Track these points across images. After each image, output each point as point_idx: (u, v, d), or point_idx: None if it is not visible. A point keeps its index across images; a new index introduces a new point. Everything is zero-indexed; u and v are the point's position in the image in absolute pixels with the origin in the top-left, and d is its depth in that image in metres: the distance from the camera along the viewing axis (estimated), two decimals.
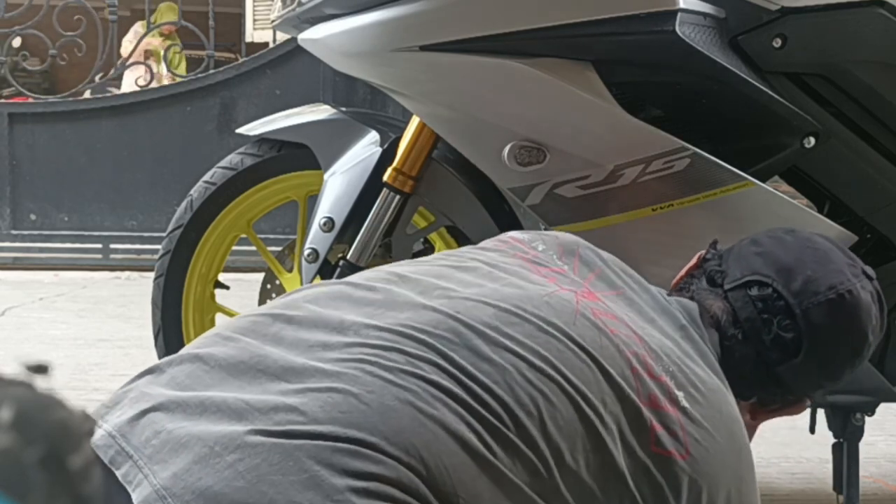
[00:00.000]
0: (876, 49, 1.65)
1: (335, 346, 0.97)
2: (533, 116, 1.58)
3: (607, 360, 1.02)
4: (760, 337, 1.19)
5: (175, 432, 0.90)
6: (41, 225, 5.28)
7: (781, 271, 1.20)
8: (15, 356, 3.15)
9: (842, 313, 1.19)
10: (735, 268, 1.23)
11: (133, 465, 0.89)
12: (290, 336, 0.99)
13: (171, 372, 0.99)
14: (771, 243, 1.25)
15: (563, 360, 1.00)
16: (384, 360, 0.95)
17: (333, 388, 0.92)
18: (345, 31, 1.63)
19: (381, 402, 0.91)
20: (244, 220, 1.97)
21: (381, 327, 0.99)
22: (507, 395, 0.95)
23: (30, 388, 0.43)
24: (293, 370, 0.94)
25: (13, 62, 6.03)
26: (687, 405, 1.05)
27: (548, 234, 1.26)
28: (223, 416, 0.90)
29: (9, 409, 0.41)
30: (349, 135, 1.84)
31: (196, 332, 1.99)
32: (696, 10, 1.58)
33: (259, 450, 0.87)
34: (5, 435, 0.40)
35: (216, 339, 1.02)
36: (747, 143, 1.65)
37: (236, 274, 2.41)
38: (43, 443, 0.41)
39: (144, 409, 0.93)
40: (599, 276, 1.16)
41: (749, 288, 1.20)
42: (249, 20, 6.94)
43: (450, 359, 0.96)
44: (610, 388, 1.01)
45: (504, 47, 1.55)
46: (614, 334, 1.05)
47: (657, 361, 1.06)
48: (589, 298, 1.10)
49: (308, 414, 0.89)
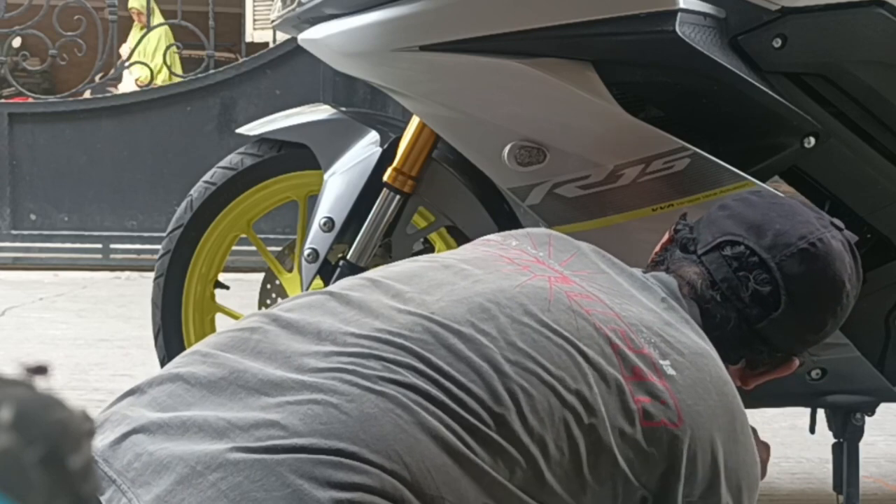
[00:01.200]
0: (876, 49, 1.65)
1: (313, 356, 0.97)
2: (533, 116, 1.58)
3: (584, 342, 1.03)
4: (739, 295, 1.20)
5: (157, 454, 0.90)
6: (41, 225, 5.28)
7: (751, 228, 1.22)
8: (15, 356, 3.15)
9: (816, 261, 1.21)
10: (706, 233, 1.25)
11: (117, 489, 0.89)
12: (268, 349, 0.99)
13: (151, 393, 0.99)
14: (738, 205, 1.27)
15: (538, 349, 1.01)
16: (362, 368, 0.95)
17: (313, 400, 0.92)
18: (345, 31, 1.63)
19: (360, 411, 0.91)
20: (244, 220, 1.97)
21: (357, 334, 0.99)
22: (484, 392, 0.96)
23: (30, 388, 0.43)
24: (272, 383, 0.94)
25: (13, 62, 6.03)
26: (673, 373, 1.06)
27: (519, 231, 1.28)
28: (204, 436, 0.91)
29: (9, 409, 0.41)
30: (349, 135, 1.84)
31: (196, 332, 1.99)
32: (696, 10, 1.58)
33: (241, 467, 0.87)
34: (5, 435, 0.40)
35: (195, 357, 1.02)
36: (747, 143, 1.65)
37: (236, 274, 2.41)
38: (43, 443, 0.41)
39: (126, 433, 0.94)
40: (574, 261, 1.17)
41: (722, 249, 1.22)
42: (249, 20, 6.94)
43: (427, 360, 0.97)
44: (591, 368, 1.02)
45: (504, 47, 1.55)
46: (590, 314, 1.06)
47: (637, 334, 1.07)
48: (563, 283, 1.10)
49: (289, 428, 0.90)
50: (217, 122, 5.20)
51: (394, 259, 1.84)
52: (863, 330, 1.74)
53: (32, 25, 5.11)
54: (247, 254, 3.19)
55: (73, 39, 5.11)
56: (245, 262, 3.37)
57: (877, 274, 1.73)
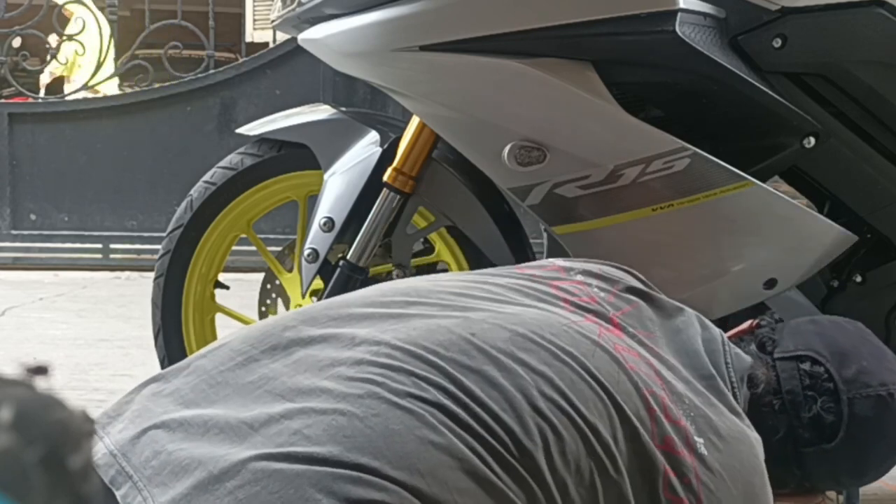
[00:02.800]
0: (876, 49, 1.65)
1: (344, 363, 0.95)
2: (533, 116, 1.58)
3: (622, 397, 0.99)
4: (798, 412, 1.17)
5: (175, 454, 0.89)
6: (41, 225, 5.28)
7: (836, 354, 1.18)
8: (15, 356, 3.14)
9: (887, 412, 1.17)
10: (789, 339, 1.21)
11: (133, 486, 0.89)
12: (300, 352, 0.98)
13: (175, 383, 0.98)
14: (830, 327, 1.24)
15: (575, 391, 0.97)
16: (391, 382, 0.93)
17: (338, 411, 0.90)
18: (345, 31, 1.63)
19: (385, 427, 0.89)
20: (244, 220, 1.97)
21: (391, 344, 0.97)
22: (514, 423, 0.93)
23: (30, 389, 0.43)
24: (299, 390, 0.93)
25: (13, 62, 6.03)
26: (705, 452, 1.02)
27: (592, 263, 1.23)
28: (225, 438, 0.89)
29: (9, 409, 0.41)
30: (349, 135, 1.84)
31: (196, 332, 1.99)
32: (696, 10, 1.58)
33: (259, 476, 0.85)
34: (5, 435, 0.40)
35: (225, 352, 1.00)
36: (747, 143, 1.65)
37: (236, 274, 2.41)
38: (43, 443, 0.41)
39: (146, 428, 0.93)
40: (631, 314, 1.13)
41: (800, 361, 1.18)
42: (249, 20, 6.95)
43: (458, 382, 0.94)
44: (622, 424, 0.98)
45: (504, 47, 1.55)
46: (633, 371, 1.02)
47: (678, 405, 1.03)
48: (613, 333, 1.07)
49: (311, 438, 0.88)
50: (217, 122, 5.20)
51: (394, 259, 1.84)
52: None
53: (32, 25, 5.11)
54: (247, 254, 3.19)
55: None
56: (245, 262, 3.37)
57: (877, 274, 1.73)
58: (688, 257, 1.60)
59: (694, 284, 1.57)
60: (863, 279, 1.74)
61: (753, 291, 1.63)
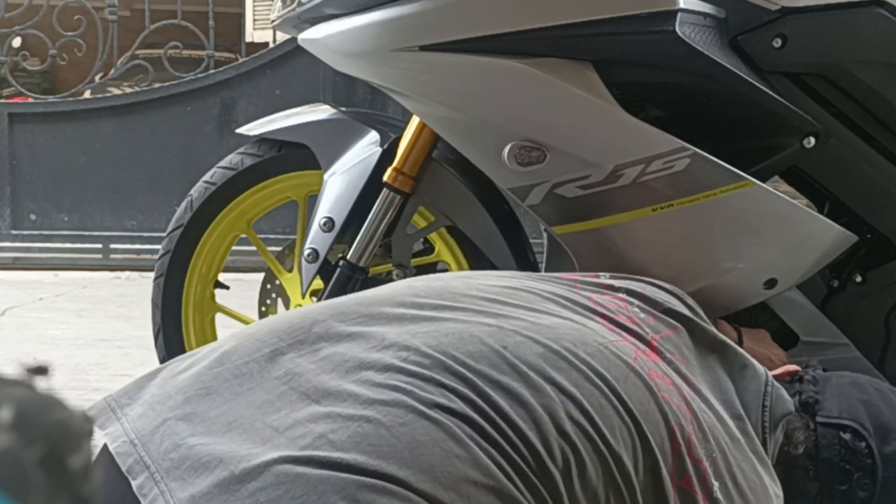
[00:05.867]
0: (876, 49, 1.65)
1: (372, 367, 0.94)
2: (533, 116, 1.58)
3: (650, 427, 0.98)
4: (831, 483, 1.15)
5: (196, 449, 0.88)
6: (41, 225, 5.28)
7: (879, 428, 1.16)
8: (15, 356, 3.14)
9: None
10: (833, 402, 1.19)
11: (149, 476, 0.87)
12: (328, 349, 0.97)
13: (198, 369, 0.96)
14: (877, 396, 1.21)
15: (603, 417, 0.96)
16: (419, 391, 0.91)
17: (364, 417, 0.88)
18: (345, 31, 1.63)
19: (412, 437, 0.88)
20: (244, 220, 1.97)
21: (421, 351, 0.95)
22: (539, 443, 0.92)
23: (30, 388, 0.43)
24: (325, 391, 0.91)
25: (13, 62, 6.03)
26: (720, 496, 1.00)
27: (638, 282, 1.21)
28: (247, 437, 0.88)
29: (9, 409, 0.41)
30: (349, 135, 1.84)
31: (196, 332, 1.99)
32: (696, 10, 1.58)
33: (282, 479, 0.84)
34: (5, 435, 0.40)
35: (250, 342, 0.99)
36: (747, 143, 1.64)
37: (236, 274, 2.41)
38: (43, 443, 0.41)
39: (166, 417, 0.91)
40: (671, 338, 1.11)
41: (842, 430, 1.16)
42: (249, 20, 6.95)
43: (486, 397, 0.93)
44: (645, 455, 0.97)
45: (504, 47, 1.54)
46: (665, 401, 1.01)
47: (702, 442, 1.01)
48: (649, 357, 1.05)
49: (336, 443, 0.86)
50: (217, 122, 5.20)
51: (394, 259, 1.84)
52: (863, 330, 1.74)
53: (32, 25, 5.11)
54: (247, 254, 3.20)
55: (73, 39, 5.11)
56: (245, 262, 3.38)
57: (877, 274, 1.73)
58: (687, 257, 1.60)
59: (694, 284, 1.56)
60: (863, 279, 1.74)
61: (753, 291, 1.63)
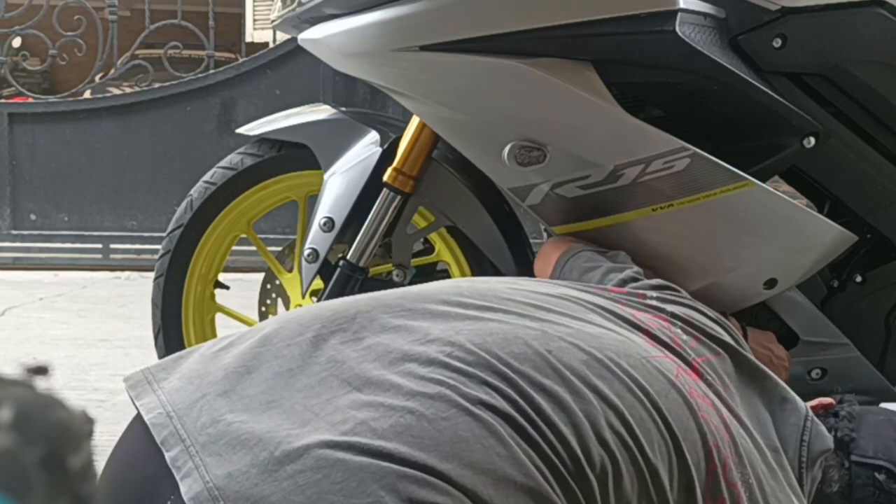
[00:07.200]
0: (876, 49, 1.65)
1: (416, 359, 0.93)
2: (533, 116, 1.58)
3: (687, 444, 0.98)
4: None
5: (235, 426, 0.87)
6: (41, 225, 5.28)
7: None
8: (15, 356, 3.13)
9: None
10: (869, 442, 1.20)
11: (184, 450, 0.86)
12: (371, 338, 0.96)
13: (240, 349, 0.95)
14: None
15: (643, 429, 0.96)
16: (463, 387, 0.91)
17: (407, 409, 0.88)
18: (345, 31, 1.63)
19: (454, 432, 0.87)
20: (244, 220, 1.97)
21: (465, 348, 0.95)
22: (578, 448, 0.92)
23: (30, 389, 0.43)
24: (368, 380, 0.91)
25: (13, 62, 6.03)
26: None
27: (686, 306, 1.21)
28: (287, 418, 0.87)
29: (9, 409, 0.41)
30: (349, 135, 1.84)
31: (196, 332, 1.99)
32: (696, 10, 1.58)
33: (321, 463, 0.83)
34: (5, 435, 0.40)
35: (291, 326, 0.98)
36: (747, 143, 1.64)
37: (236, 274, 2.41)
38: (43, 443, 0.41)
39: (205, 392, 0.90)
40: (712, 362, 1.11)
41: (877, 471, 1.17)
42: (249, 20, 6.95)
43: (528, 398, 0.92)
44: (680, 472, 0.97)
45: (504, 47, 1.54)
46: (705, 420, 1.00)
47: (738, 466, 1.01)
48: (691, 377, 1.05)
49: (377, 431, 0.86)
50: (217, 122, 5.20)
51: (394, 259, 1.84)
52: (863, 330, 1.74)
53: (32, 25, 5.11)
54: (247, 254, 3.20)
55: (73, 39, 5.11)
56: (245, 262, 3.38)
57: (877, 274, 1.73)
58: (687, 257, 1.60)
59: (694, 284, 1.56)
60: (863, 279, 1.74)
61: (753, 291, 1.63)
